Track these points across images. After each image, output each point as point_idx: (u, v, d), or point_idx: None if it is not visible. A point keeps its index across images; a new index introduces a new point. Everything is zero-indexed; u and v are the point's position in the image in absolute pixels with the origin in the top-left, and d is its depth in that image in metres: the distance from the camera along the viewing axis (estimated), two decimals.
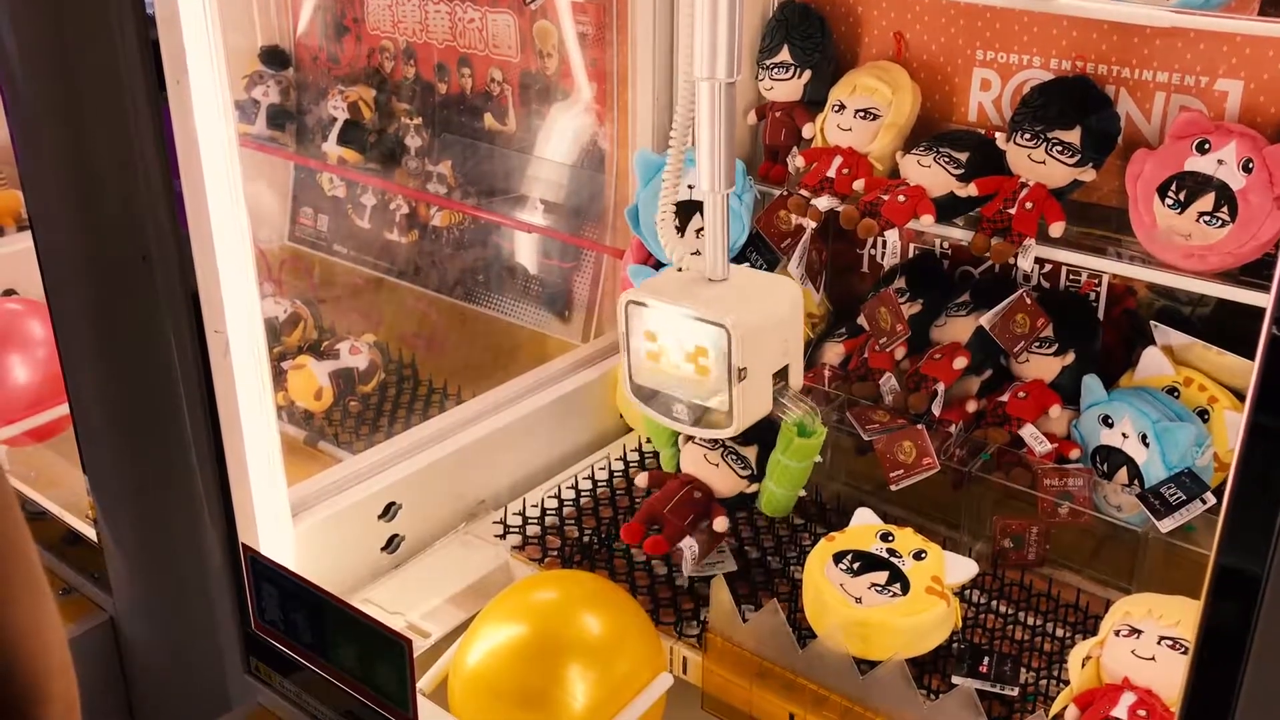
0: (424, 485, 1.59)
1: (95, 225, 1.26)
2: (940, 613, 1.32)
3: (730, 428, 1.30)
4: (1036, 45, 1.57)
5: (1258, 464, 0.77)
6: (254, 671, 1.35)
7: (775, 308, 1.31)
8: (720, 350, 1.25)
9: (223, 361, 1.21)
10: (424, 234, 2.34)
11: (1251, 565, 0.76)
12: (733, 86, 1.20)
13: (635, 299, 1.31)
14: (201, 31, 1.12)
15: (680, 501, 1.49)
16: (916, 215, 1.54)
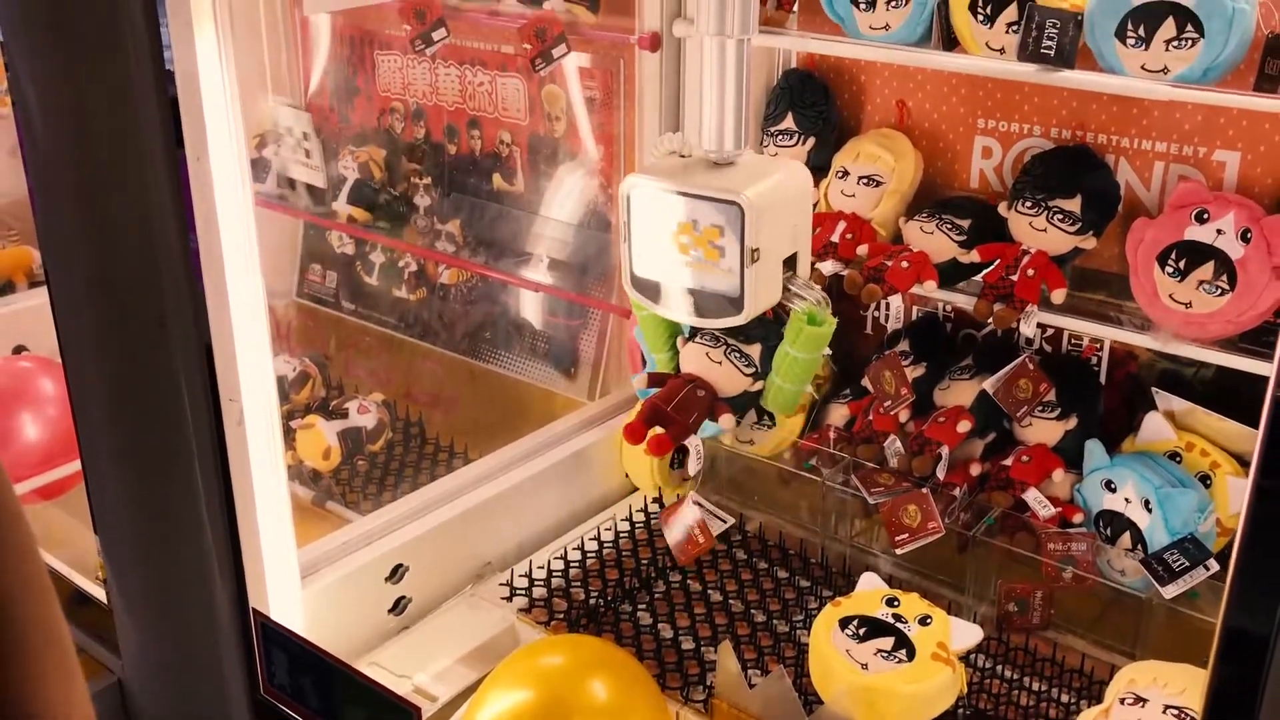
0: (431, 547, 1.60)
1: (112, 288, 1.28)
2: (945, 679, 1.32)
3: (741, 314, 1.25)
4: (1037, 114, 1.60)
5: (1263, 528, 0.78)
6: None
7: (786, 189, 1.26)
8: (732, 230, 1.21)
9: (236, 429, 1.23)
10: (432, 291, 2.36)
11: (1260, 628, 0.77)
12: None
13: (639, 183, 1.27)
14: (219, 89, 1.15)
15: (684, 399, 1.40)
16: (920, 281, 1.56)
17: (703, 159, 1.27)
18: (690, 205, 1.23)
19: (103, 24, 1.16)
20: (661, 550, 1.73)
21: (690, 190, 1.23)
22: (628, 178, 1.28)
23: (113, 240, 1.25)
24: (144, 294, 1.25)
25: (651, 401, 1.41)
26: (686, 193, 1.24)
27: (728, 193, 1.21)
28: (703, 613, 1.59)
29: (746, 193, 1.20)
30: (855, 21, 1.56)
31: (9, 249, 2.57)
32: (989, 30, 1.46)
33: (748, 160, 1.29)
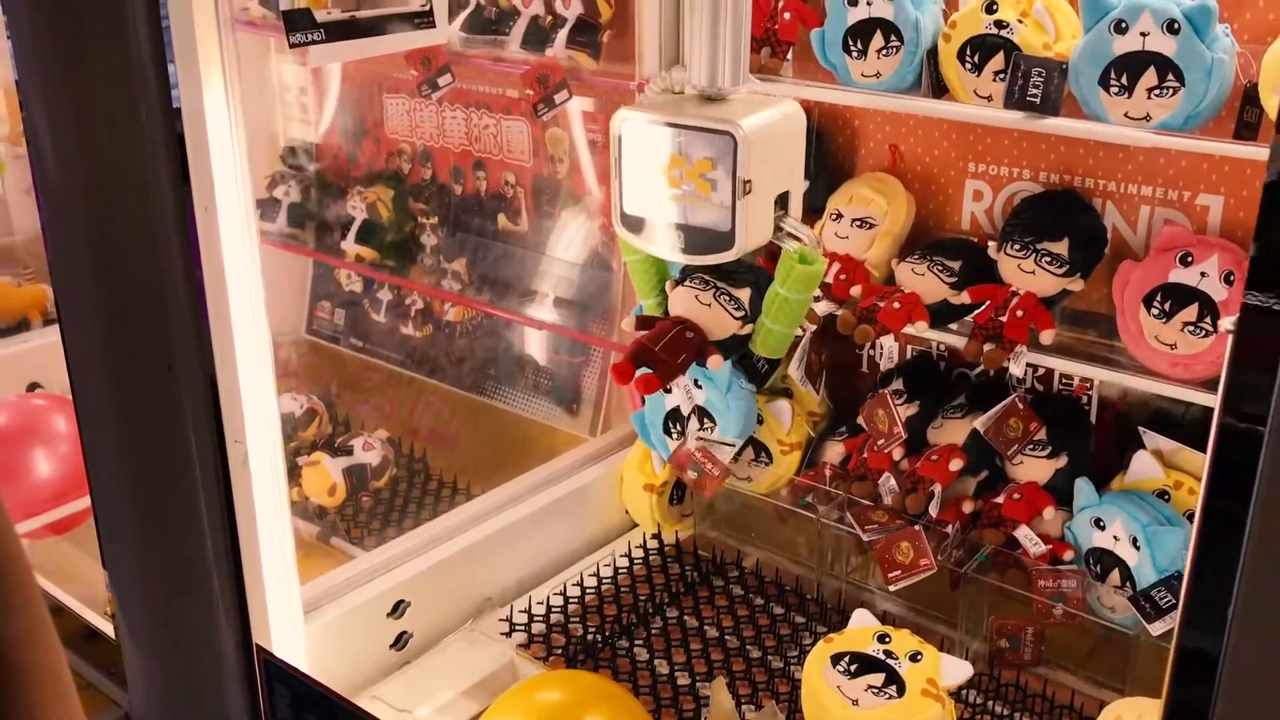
0: (433, 583, 1.63)
1: (121, 329, 1.32)
2: (935, 715, 1.34)
3: (733, 249, 1.24)
4: (1026, 159, 1.64)
5: (1211, 550, 0.80)
6: None
7: (781, 124, 1.25)
8: (725, 162, 1.20)
9: (241, 470, 1.26)
10: (438, 329, 2.40)
11: (1210, 647, 0.79)
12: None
13: (630, 117, 1.26)
14: (224, 126, 1.19)
15: (673, 340, 1.39)
16: (911, 321, 1.59)
17: (697, 94, 1.27)
18: (682, 137, 1.22)
19: (112, 66, 1.20)
20: (659, 586, 1.76)
21: (682, 122, 1.22)
22: (619, 111, 1.27)
23: (122, 280, 1.29)
24: (152, 335, 1.29)
25: (639, 341, 1.40)
26: (678, 124, 1.22)
27: (721, 123, 1.20)
28: (698, 649, 1.61)
29: (740, 123, 1.19)
30: (848, 69, 1.60)
31: (25, 287, 2.63)
32: (977, 78, 1.50)
33: (742, 96, 1.28)
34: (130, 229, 1.27)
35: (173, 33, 1.18)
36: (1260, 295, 0.72)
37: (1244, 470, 0.72)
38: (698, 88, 1.27)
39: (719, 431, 1.74)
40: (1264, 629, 0.75)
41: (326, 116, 2.52)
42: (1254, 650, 0.76)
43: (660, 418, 1.80)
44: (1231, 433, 0.75)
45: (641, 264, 1.46)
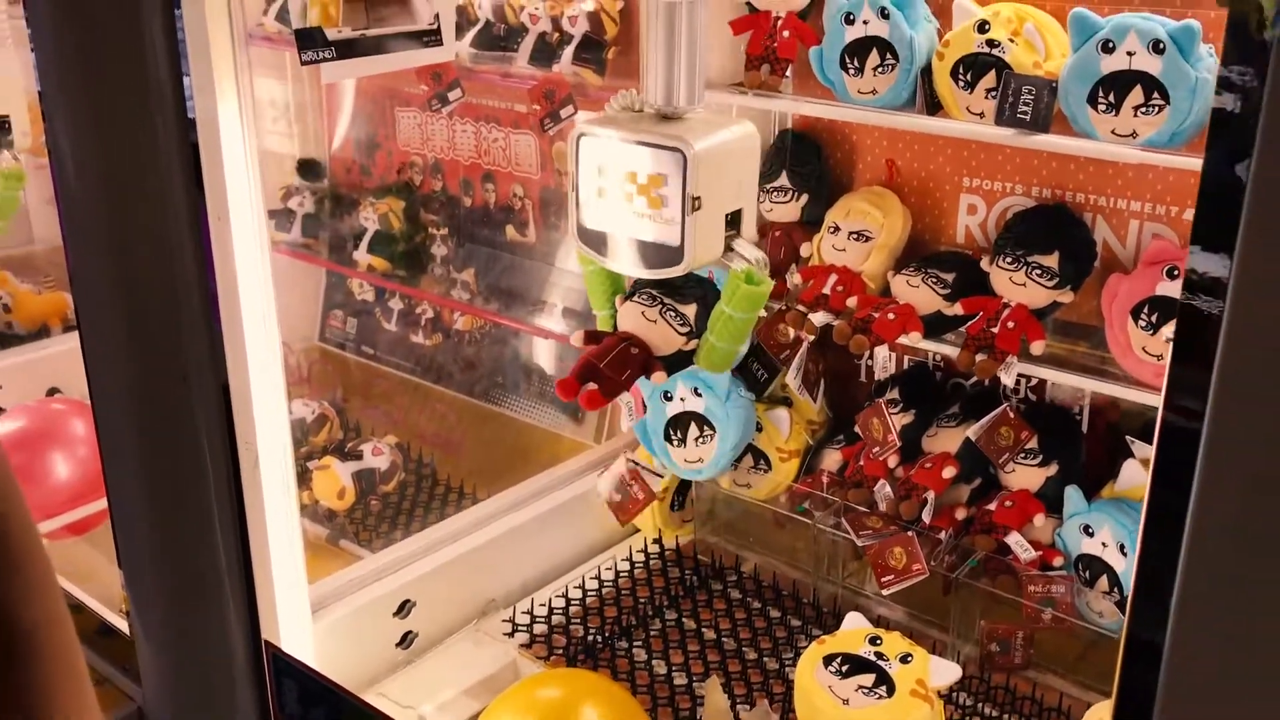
0: (438, 584, 1.68)
1: (138, 336, 1.37)
2: (924, 715, 1.38)
3: (681, 264, 1.27)
4: (1019, 174, 1.68)
5: (1155, 545, 0.84)
6: None
7: (732, 143, 1.29)
8: (675, 178, 1.23)
9: (252, 472, 1.31)
10: (447, 338, 2.45)
11: (1156, 638, 0.83)
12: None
13: (588, 132, 1.29)
14: (237, 137, 1.24)
15: (617, 357, 1.42)
16: (905, 332, 1.63)
17: (653, 113, 1.31)
18: (635, 153, 1.26)
19: (130, 79, 1.25)
20: (659, 589, 1.80)
21: (635, 138, 1.26)
22: (577, 126, 1.31)
23: (138, 288, 1.34)
24: (167, 342, 1.34)
25: (585, 358, 1.43)
26: (632, 140, 1.26)
27: (672, 140, 1.24)
28: (696, 650, 1.65)
29: (690, 140, 1.23)
30: (845, 86, 1.64)
31: (45, 294, 2.69)
32: (970, 95, 1.54)
33: (697, 115, 1.31)
34: (146, 237, 1.32)
35: (188, 47, 1.23)
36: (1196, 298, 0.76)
37: (1185, 466, 0.76)
38: (654, 106, 1.31)
39: (718, 439, 1.78)
40: (1199, 619, 0.79)
41: (340, 130, 2.57)
42: (1192, 640, 0.80)
43: (661, 425, 1.84)
44: (1173, 429, 0.79)
45: (595, 276, 1.49)
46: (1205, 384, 0.74)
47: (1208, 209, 0.74)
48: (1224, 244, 0.76)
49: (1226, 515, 0.79)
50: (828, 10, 1.63)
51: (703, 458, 1.81)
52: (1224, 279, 0.76)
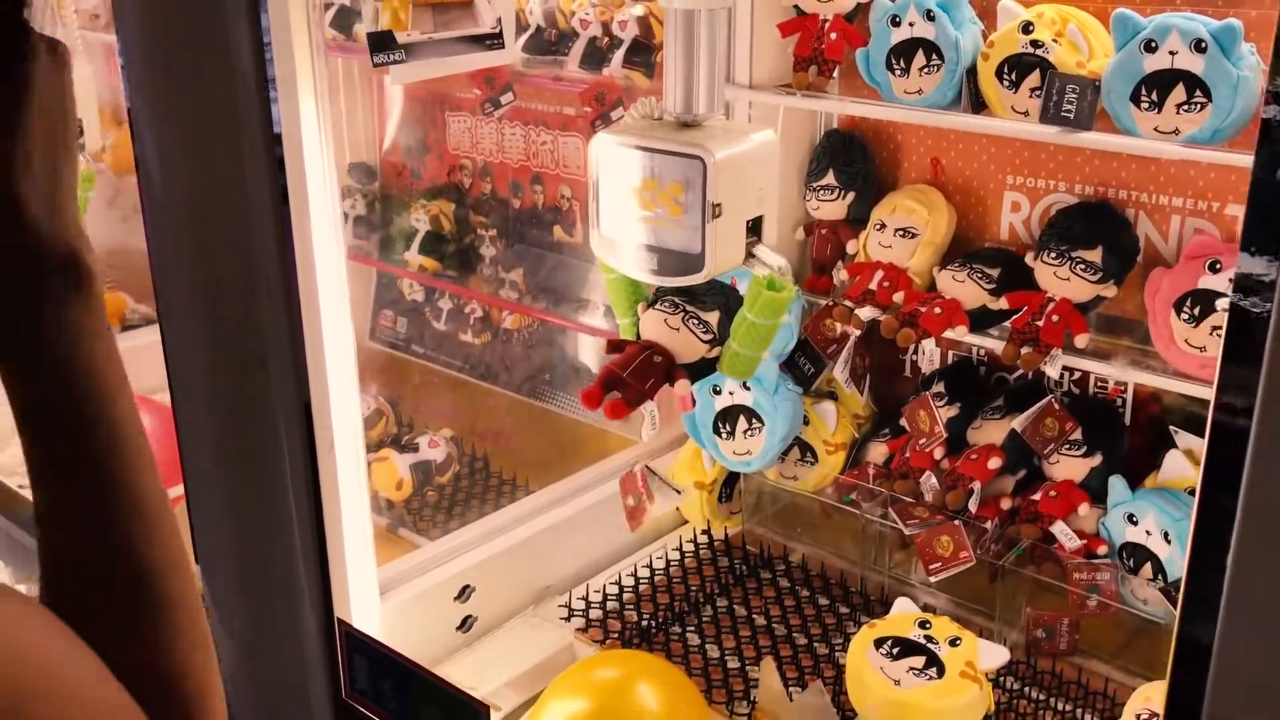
0: (496, 570, 1.73)
1: (218, 331, 1.43)
2: (973, 695, 1.42)
3: (702, 272, 1.28)
4: (1062, 172, 1.72)
5: (1206, 544, 0.88)
6: None
7: (751, 149, 1.29)
8: (695, 185, 1.24)
9: (327, 456, 1.37)
10: (496, 336, 2.51)
11: (1205, 637, 0.87)
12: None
13: (608, 140, 1.30)
14: (317, 149, 1.31)
15: (640, 365, 1.42)
16: (952, 325, 1.67)
17: (673, 120, 1.32)
18: (656, 161, 1.26)
19: (219, 93, 1.32)
20: (709, 578, 1.84)
21: (656, 146, 1.26)
22: (597, 135, 1.32)
23: (223, 290, 1.40)
24: (249, 340, 1.40)
25: (608, 367, 1.44)
26: (652, 148, 1.26)
27: (693, 147, 1.24)
28: (747, 635, 1.70)
29: (710, 147, 1.24)
30: (891, 86, 1.69)
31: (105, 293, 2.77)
32: (1014, 95, 1.58)
33: (717, 122, 1.32)
34: (231, 245, 1.38)
35: (274, 59, 1.29)
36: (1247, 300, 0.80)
37: (1234, 463, 0.80)
38: (674, 114, 1.32)
39: (766, 431, 1.83)
40: (1249, 617, 0.83)
41: (389, 134, 2.64)
42: (1242, 638, 0.83)
43: (711, 419, 1.89)
44: (1224, 428, 0.83)
45: (617, 284, 1.49)
46: (1254, 384, 0.78)
47: (1256, 214, 0.78)
48: (1272, 248, 0.79)
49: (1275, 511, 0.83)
50: (874, 13, 1.68)
51: (751, 450, 1.85)
52: (1271, 281, 0.80)
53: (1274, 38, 0.77)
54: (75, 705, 0.62)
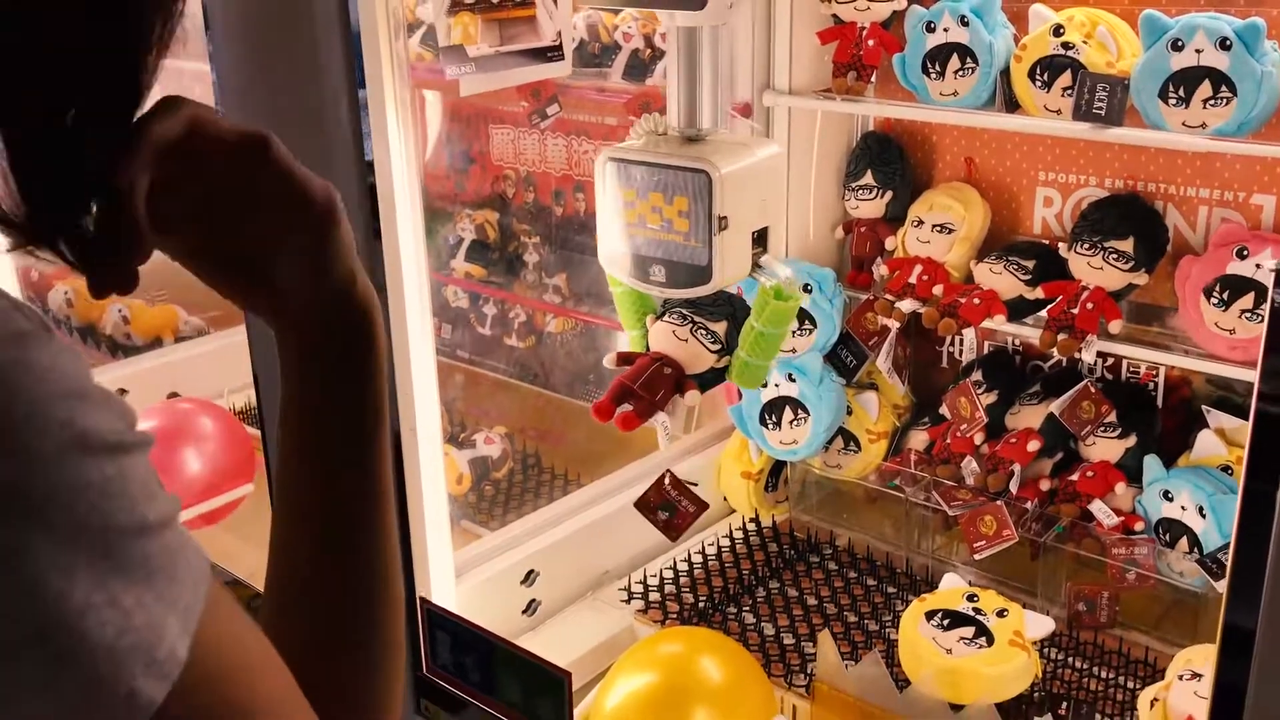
0: (557, 557, 1.81)
1: None
2: (1022, 663, 1.50)
3: (710, 283, 1.31)
4: (1092, 167, 1.80)
5: (1252, 526, 0.96)
6: (423, 712, 1.56)
7: (756, 163, 1.32)
8: (701, 199, 1.27)
9: (410, 438, 1.46)
10: (540, 339, 2.60)
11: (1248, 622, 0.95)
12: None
13: (615, 157, 1.33)
14: (404, 174, 1.40)
15: (650, 377, 1.45)
16: (990, 315, 1.75)
17: (678, 136, 1.35)
18: (661, 176, 1.29)
19: (312, 120, 1.41)
20: (760, 562, 1.92)
21: (661, 161, 1.29)
22: (603, 152, 1.36)
23: None
24: None
25: (619, 380, 1.47)
26: (658, 164, 1.29)
27: (698, 162, 1.27)
28: (799, 614, 1.77)
29: (715, 161, 1.27)
30: (927, 89, 1.77)
31: (157, 307, 2.87)
32: (1046, 94, 1.66)
33: (720, 137, 1.36)
34: None
35: (367, 91, 1.37)
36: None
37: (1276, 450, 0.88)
38: (678, 129, 1.36)
39: (811, 421, 1.91)
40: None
41: (429, 148, 2.73)
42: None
43: (757, 410, 1.97)
44: (1267, 416, 0.90)
45: (625, 297, 1.53)
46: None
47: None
48: None
49: None
50: (909, 20, 1.77)
51: (797, 439, 1.94)
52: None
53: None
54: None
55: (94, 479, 0.52)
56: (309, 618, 0.74)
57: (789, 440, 1.94)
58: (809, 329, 1.90)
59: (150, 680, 0.54)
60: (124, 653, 0.53)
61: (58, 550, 0.51)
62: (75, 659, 0.51)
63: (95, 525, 0.52)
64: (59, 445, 0.51)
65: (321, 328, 0.74)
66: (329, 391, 0.75)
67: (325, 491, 0.75)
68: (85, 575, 0.52)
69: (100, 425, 0.53)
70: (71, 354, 0.54)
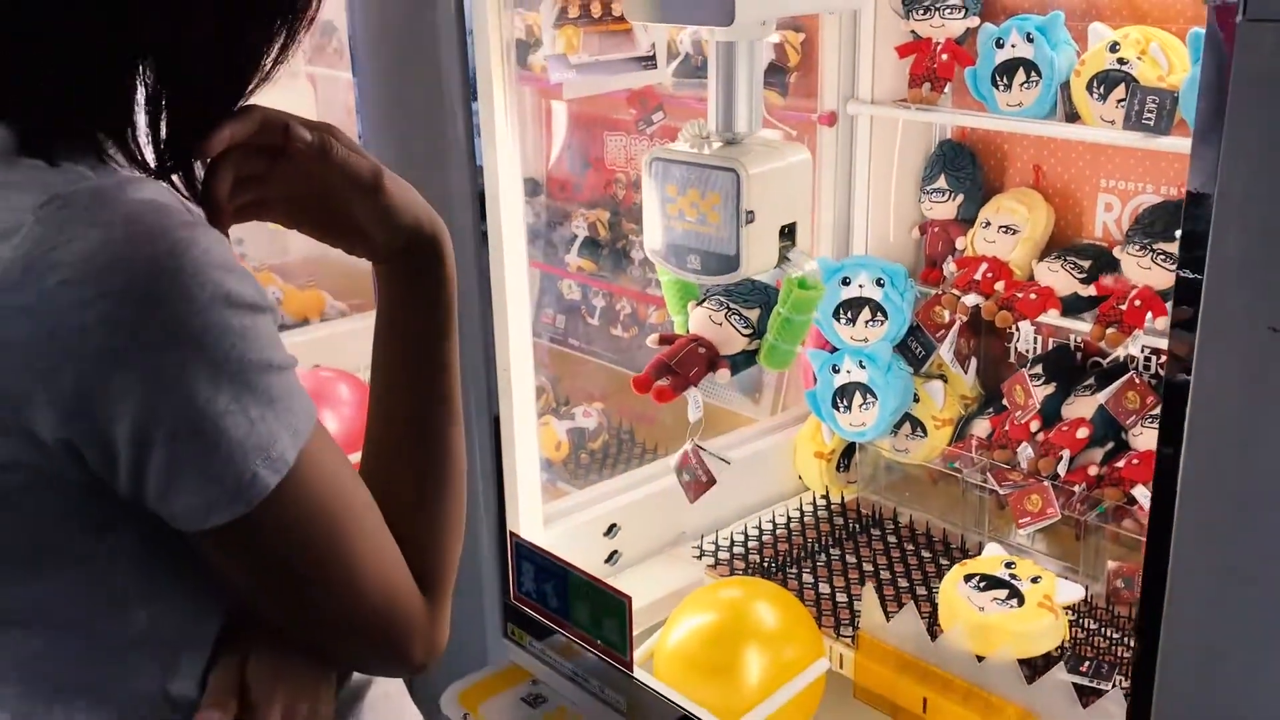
0: (639, 514, 2.01)
1: None
2: (1049, 623, 1.63)
3: (738, 272, 1.45)
4: (1149, 175, 1.92)
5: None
6: (510, 635, 1.78)
7: (784, 164, 1.47)
8: (730, 195, 1.41)
9: (507, 389, 1.69)
10: (642, 330, 2.81)
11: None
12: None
13: (658, 157, 1.50)
14: (511, 179, 1.63)
15: (686, 356, 1.61)
16: (1045, 309, 1.89)
17: (718, 139, 1.50)
18: (697, 174, 1.44)
19: (434, 128, 1.65)
20: (825, 533, 2.09)
21: (699, 161, 1.44)
22: (649, 152, 1.53)
23: None
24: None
25: (658, 358, 1.64)
26: (695, 164, 1.45)
27: (729, 162, 1.42)
28: (855, 577, 1.93)
29: (745, 162, 1.42)
30: (996, 100, 1.92)
31: (307, 291, 3.19)
32: (1102, 105, 1.80)
33: (755, 140, 1.50)
34: None
35: (479, 103, 1.60)
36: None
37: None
38: (718, 133, 1.50)
39: (879, 405, 2.07)
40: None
41: (554, 153, 2.98)
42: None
43: (830, 395, 2.14)
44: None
45: (671, 285, 1.71)
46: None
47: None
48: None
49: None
50: (981, 36, 1.92)
51: (865, 422, 2.09)
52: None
53: None
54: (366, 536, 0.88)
55: (234, 325, 0.76)
56: (389, 480, 0.96)
57: (858, 423, 2.10)
58: (880, 320, 2.06)
59: (266, 470, 0.77)
60: (249, 448, 0.76)
61: (208, 371, 0.75)
62: (217, 446, 0.75)
63: (235, 357, 0.76)
64: (212, 297, 0.75)
65: (399, 256, 0.98)
66: (408, 303, 0.98)
67: (407, 379, 0.98)
68: (226, 391, 0.75)
69: (241, 290, 0.77)
70: (223, 242, 0.78)
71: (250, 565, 0.84)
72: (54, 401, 0.74)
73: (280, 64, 0.89)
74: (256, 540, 0.82)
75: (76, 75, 0.79)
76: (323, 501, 0.83)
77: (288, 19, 0.88)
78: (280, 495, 0.79)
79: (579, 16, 1.73)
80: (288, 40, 0.89)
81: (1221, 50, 1.01)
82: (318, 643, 0.92)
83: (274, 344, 0.80)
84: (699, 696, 1.62)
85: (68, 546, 0.82)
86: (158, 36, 0.80)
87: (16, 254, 0.73)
